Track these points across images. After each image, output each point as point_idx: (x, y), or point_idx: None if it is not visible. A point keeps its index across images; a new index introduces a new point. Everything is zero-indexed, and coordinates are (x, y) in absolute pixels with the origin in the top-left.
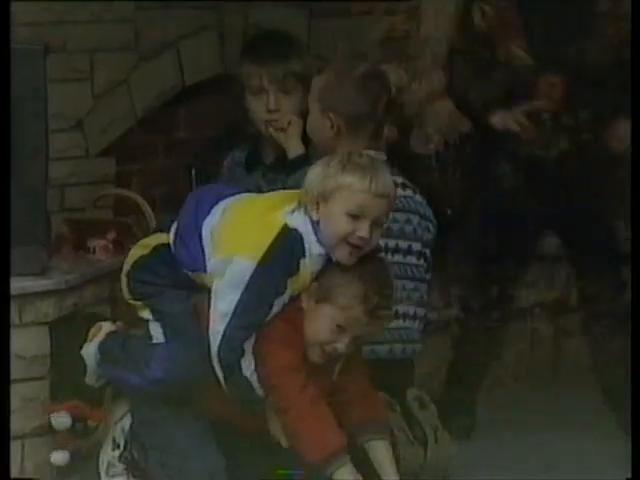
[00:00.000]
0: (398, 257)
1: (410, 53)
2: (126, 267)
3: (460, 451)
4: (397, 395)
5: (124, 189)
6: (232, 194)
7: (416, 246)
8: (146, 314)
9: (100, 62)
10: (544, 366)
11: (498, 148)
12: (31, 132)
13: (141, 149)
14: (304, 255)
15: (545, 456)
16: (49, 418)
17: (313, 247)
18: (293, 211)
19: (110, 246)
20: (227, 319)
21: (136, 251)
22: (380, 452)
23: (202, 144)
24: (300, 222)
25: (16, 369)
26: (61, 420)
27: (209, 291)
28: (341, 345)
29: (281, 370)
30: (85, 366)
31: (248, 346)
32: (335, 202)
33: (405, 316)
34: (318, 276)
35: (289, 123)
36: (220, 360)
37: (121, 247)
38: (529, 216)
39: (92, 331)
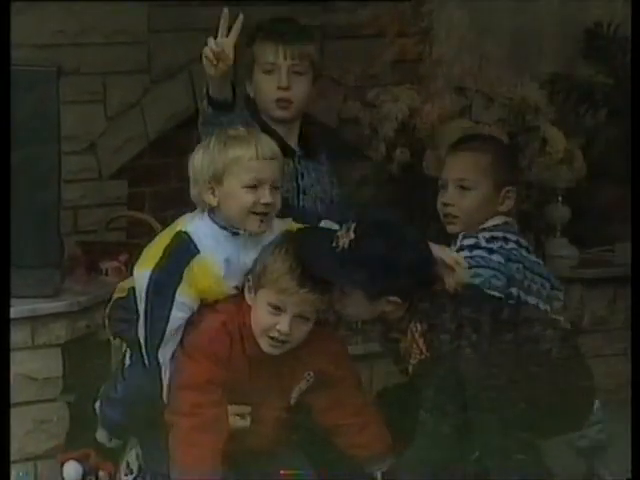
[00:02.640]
0: None
1: (422, 75)
2: (107, 310)
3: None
4: None
5: (136, 211)
6: None
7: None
8: (123, 347)
9: (113, 85)
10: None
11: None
12: (44, 154)
13: (154, 171)
14: (197, 251)
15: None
16: (61, 469)
17: (208, 237)
18: (187, 217)
19: (122, 268)
20: (143, 334)
21: (115, 295)
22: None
23: None
24: (191, 223)
25: (28, 391)
26: (71, 470)
27: None
28: (283, 326)
29: (180, 385)
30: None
31: (164, 356)
32: (230, 179)
33: None
34: (251, 270)
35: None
36: (151, 377)
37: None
38: None
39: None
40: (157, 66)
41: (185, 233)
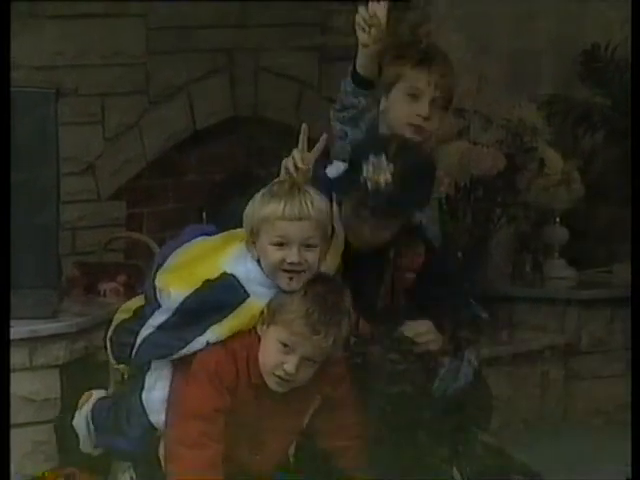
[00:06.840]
0: None
1: None
2: (109, 332)
3: None
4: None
5: (135, 232)
6: (189, 239)
7: None
8: (126, 375)
9: (111, 106)
10: (554, 410)
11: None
12: (42, 175)
13: (152, 192)
14: (247, 295)
15: None
16: None
17: (257, 284)
18: (234, 257)
19: (121, 289)
20: (146, 332)
21: (119, 315)
22: None
23: (213, 187)
24: (239, 266)
25: (27, 412)
26: None
27: None
28: (289, 366)
29: (185, 414)
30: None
31: (161, 369)
32: (261, 236)
33: None
34: (267, 303)
35: None
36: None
37: (132, 290)
38: None
39: (82, 399)
40: (155, 87)
41: (232, 276)
